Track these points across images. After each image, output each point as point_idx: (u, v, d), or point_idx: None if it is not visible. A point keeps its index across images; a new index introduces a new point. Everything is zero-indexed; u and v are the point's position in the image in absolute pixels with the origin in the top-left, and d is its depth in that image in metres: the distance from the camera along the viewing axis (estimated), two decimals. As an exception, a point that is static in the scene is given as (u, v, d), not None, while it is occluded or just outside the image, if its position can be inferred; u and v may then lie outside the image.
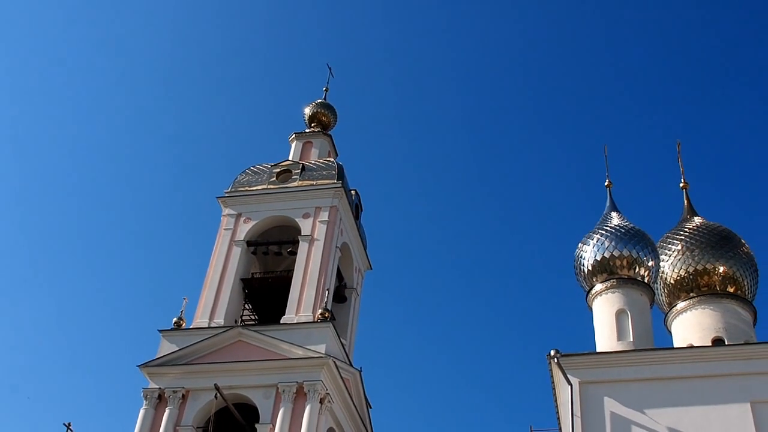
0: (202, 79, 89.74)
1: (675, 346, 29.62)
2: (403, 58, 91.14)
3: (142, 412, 28.78)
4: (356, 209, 37.35)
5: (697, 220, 32.91)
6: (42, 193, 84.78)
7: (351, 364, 32.17)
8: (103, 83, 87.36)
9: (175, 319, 31.16)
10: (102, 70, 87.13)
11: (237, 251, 33.65)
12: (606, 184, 31.74)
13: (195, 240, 78.60)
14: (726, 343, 28.23)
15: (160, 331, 30.91)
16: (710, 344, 28.31)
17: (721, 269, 30.60)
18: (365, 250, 38.11)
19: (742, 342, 27.55)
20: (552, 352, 23.53)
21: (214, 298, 32.04)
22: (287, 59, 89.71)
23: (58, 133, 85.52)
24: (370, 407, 33.63)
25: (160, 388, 29.13)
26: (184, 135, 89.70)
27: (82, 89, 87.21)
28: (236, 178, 36.51)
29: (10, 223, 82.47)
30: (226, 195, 35.64)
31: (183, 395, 28.89)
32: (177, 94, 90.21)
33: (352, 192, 37.34)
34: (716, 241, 31.38)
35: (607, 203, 31.05)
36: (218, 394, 27.76)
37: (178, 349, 30.01)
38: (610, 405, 22.71)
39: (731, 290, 30.43)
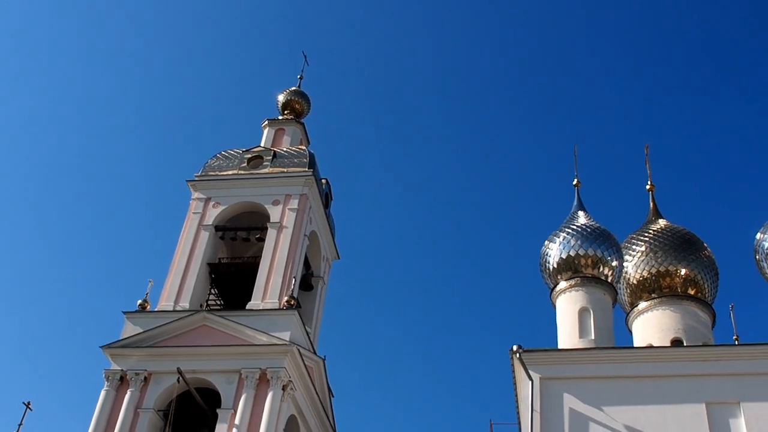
0: (177, 61, 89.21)
1: (635, 345, 30.08)
2: (378, 49, 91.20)
3: (103, 393, 28.65)
4: (326, 198, 37.38)
5: (662, 222, 33.38)
6: (7, 174, 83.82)
7: (315, 353, 32.25)
8: (77, 63, 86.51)
9: (139, 302, 30.99)
10: (74, 51, 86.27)
11: (205, 236, 33.54)
12: (574, 183, 32.02)
13: (163, 223, 78.38)
14: (685, 344, 28.76)
15: (125, 312, 30.76)
16: (669, 345, 28.82)
17: (683, 271, 31.10)
18: (334, 239, 38.17)
19: (701, 344, 28.15)
20: (514, 348, 23.79)
21: (180, 282, 31.93)
22: (263, 46, 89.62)
23: (28, 115, 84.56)
24: (333, 396, 33.80)
25: (122, 369, 29.00)
26: (157, 117, 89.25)
27: (50, 69, 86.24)
28: (207, 163, 36.37)
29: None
30: (196, 179, 35.49)
31: (145, 378, 28.79)
32: (151, 76, 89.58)
33: (323, 181, 37.38)
34: (679, 244, 31.88)
35: (575, 202, 31.32)
36: (181, 378, 27.74)
37: (141, 331, 29.87)
38: (570, 401, 23.01)
39: (692, 292, 30.95)
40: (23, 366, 76.29)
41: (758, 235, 27.90)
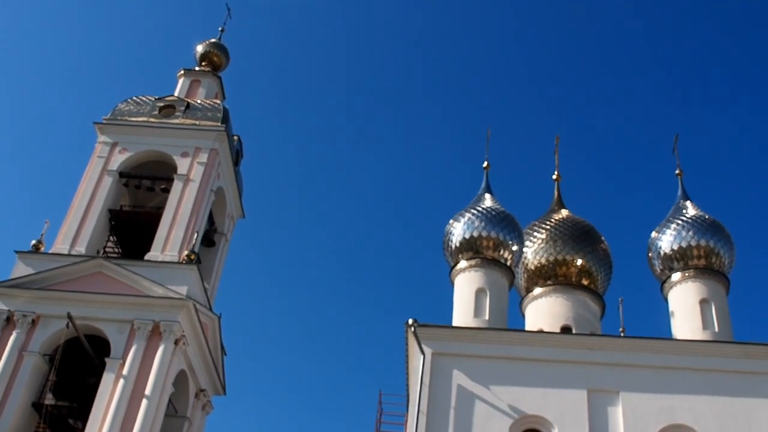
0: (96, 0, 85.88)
1: (526, 329, 30.93)
2: (301, 11, 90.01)
3: (-14, 332, 27.77)
4: (237, 155, 36.93)
5: (564, 212, 34.29)
6: None
7: (211, 309, 31.98)
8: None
9: (33, 242, 30.11)
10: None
11: (108, 181, 32.70)
12: (484, 165, 32.43)
13: (66, 164, 75.87)
14: (573, 331, 29.77)
15: (17, 252, 29.82)
16: (559, 331, 29.77)
17: (579, 262, 32.08)
18: (240, 197, 37.78)
19: (588, 332, 29.16)
20: (410, 321, 24.24)
21: (77, 226, 31.09)
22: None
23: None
24: (225, 354, 33.61)
25: (9, 310, 28.13)
26: (70, 55, 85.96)
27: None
28: (116, 107, 35.37)
29: None
30: (104, 122, 34.51)
31: (33, 320, 28.01)
32: (69, 11, 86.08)
33: (235, 138, 36.90)
34: (578, 235, 32.86)
35: (483, 185, 31.75)
36: (70, 323, 27.11)
37: (33, 273, 29.04)
38: (458, 378, 23.65)
39: (585, 283, 32.01)
40: None
41: (653, 234, 29.01)
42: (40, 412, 27.08)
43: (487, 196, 30.75)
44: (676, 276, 27.61)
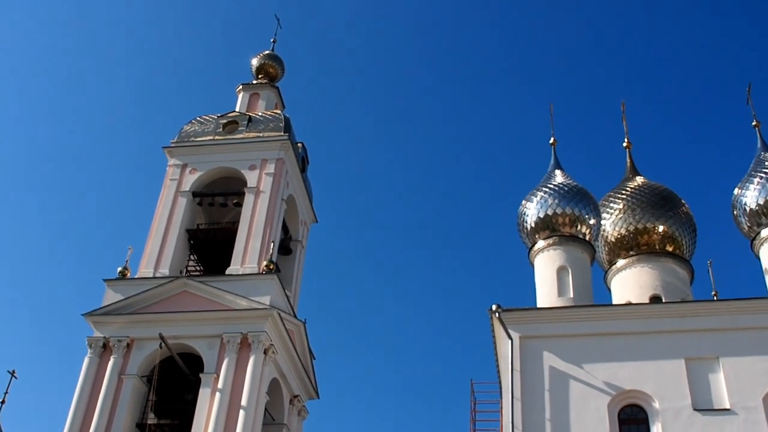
0: (151, 28, 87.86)
1: (614, 303, 30.38)
2: (350, 8, 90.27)
3: (86, 360, 28.74)
4: (303, 162, 37.24)
5: (639, 179, 33.50)
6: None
7: (295, 316, 32.36)
8: (52, 35, 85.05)
9: (119, 269, 30.93)
10: (49, 24, 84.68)
11: (182, 202, 33.37)
12: (551, 142, 32.01)
13: (141, 190, 77.76)
14: (663, 300, 29.04)
15: (105, 280, 30.68)
16: (648, 302, 29.07)
17: (661, 228, 31.30)
18: (311, 202, 38.09)
19: (679, 300, 28.41)
20: (493, 307, 23.96)
21: (159, 249, 31.84)
22: (235, 9, 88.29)
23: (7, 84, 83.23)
24: (314, 358, 33.98)
25: (104, 336, 29.02)
26: (132, 84, 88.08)
27: (27, 41, 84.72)
28: (182, 129, 36.05)
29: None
30: (172, 145, 35.21)
31: (128, 344, 28.85)
32: (126, 44, 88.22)
33: (299, 145, 37.18)
34: (657, 201, 32.04)
35: (552, 161, 31.34)
36: (163, 344, 27.76)
37: (123, 298, 29.86)
38: (549, 359, 23.29)
39: (670, 249, 31.18)
40: (7, 335, 76.07)
41: (735, 191, 28.15)
42: (144, 432, 27.87)
43: (558, 172, 30.32)
44: (765, 231, 26.73)
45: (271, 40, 42.37)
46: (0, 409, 36.28)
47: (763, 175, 27.57)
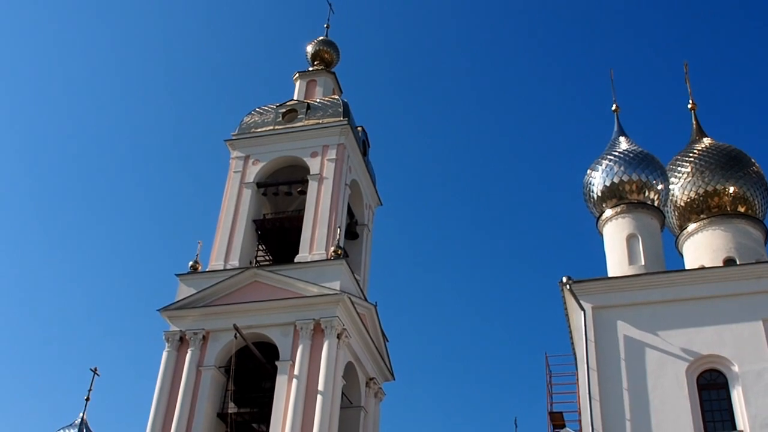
0: (202, 21, 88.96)
1: (686, 268, 29.83)
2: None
3: (165, 354, 29.45)
4: (363, 146, 37.32)
5: (706, 141, 32.76)
6: (50, 144, 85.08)
7: (366, 299, 32.57)
8: (105, 28, 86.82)
9: (191, 263, 31.53)
10: (100, 15, 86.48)
11: (248, 193, 33.81)
12: (613, 108, 31.54)
13: (205, 184, 79.04)
14: (737, 262, 28.39)
15: (178, 275, 31.34)
16: (722, 264, 28.50)
17: (732, 189, 30.58)
18: (374, 186, 38.19)
19: (754, 261, 27.69)
20: (564, 279, 23.80)
21: (227, 241, 32.35)
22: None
23: (61, 84, 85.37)
24: (387, 341, 34.19)
25: (181, 330, 29.70)
26: (188, 78, 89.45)
27: (79, 35, 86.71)
28: (242, 120, 36.45)
29: (22, 177, 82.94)
30: (234, 138, 35.63)
31: (204, 336, 29.46)
32: (179, 37, 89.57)
33: (359, 129, 37.25)
34: (726, 162, 31.28)
35: (615, 128, 30.90)
36: (238, 334, 28.27)
37: (196, 292, 30.45)
38: (623, 328, 23.06)
39: (742, 210, 30.46)
40: (87, 335, 78.60)
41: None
42: (225, 421, 28.51)
43: (622, 138, 29.87)
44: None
45: (325, 25, 42.45)
46: (85, 407, 37.70)
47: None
